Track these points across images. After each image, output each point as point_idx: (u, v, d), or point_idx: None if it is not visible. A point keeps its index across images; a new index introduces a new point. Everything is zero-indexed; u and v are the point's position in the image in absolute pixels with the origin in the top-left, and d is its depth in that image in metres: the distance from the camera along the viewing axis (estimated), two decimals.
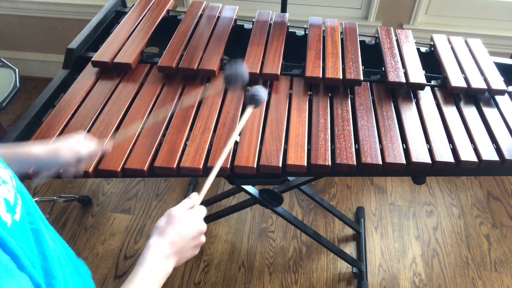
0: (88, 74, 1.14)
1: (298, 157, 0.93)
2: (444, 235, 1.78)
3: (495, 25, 1.98)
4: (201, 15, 1.35)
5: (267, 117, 1.03)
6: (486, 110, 1.10)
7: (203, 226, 0.69)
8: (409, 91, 1.15)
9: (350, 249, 1.72)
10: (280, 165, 0.92)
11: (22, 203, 0.51)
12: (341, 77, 1.12)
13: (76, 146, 0.76)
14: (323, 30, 1.30)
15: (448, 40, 1.31)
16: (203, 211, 0.71)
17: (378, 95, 1.13)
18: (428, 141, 1.00)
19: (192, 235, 0.67)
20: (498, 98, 1.14)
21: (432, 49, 1.28)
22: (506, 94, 1.15)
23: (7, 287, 0.39)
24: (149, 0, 1.40)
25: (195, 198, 0.72)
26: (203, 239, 0.70)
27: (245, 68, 0.85)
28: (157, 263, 0.62)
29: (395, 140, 0.99)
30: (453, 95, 1.14)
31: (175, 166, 0.90)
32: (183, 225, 0.66)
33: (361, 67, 1.16)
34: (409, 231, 1.80)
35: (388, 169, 0.95)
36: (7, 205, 0.47)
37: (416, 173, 1.07)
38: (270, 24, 1.32)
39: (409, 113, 1.08)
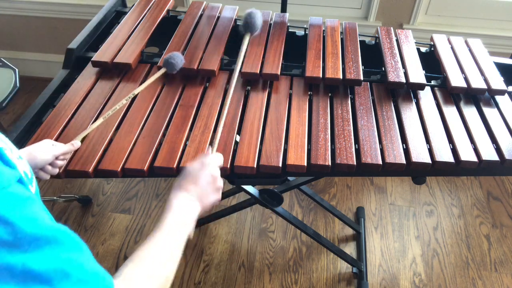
0: (88, 74, 1.14)
1: (298, 157, 0.93)
2: (444, 235, 1.78)
3: (495, 25, 1.98)
4: (201, 15, 1.35)
5: (267, 117, 1.03)
6: (486, 110, 1.10)
7: (216, 171, 0.77)
8: (409, 91, 1.15)
9: (350, 249, 1.73)
10: (280, 165, 0.92)
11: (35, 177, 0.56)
12: (341, 77, 1.12)
13: (49, 147, 0.81)
14: (323, 30, 1.30)
15: (448, 40, 1.31)
16: (215, 158, 0.79)
17: (378, 95, 1.13)
18: (428, 141, 1.00)
19: (207, 181, 0.74)
20: (498, 98, 1.14)
21: (432, 49, 1.28)
22: (506, 94, 1.15)
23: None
24: (149, 0, 1.40)
25: (209, 151, 0.82)
26: (220, 183, 0.77)
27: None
28: (183, 207, 0.69)
29: (395, 140, 0.99)
30: (453, 95, 1.14)
31: (175, 166, 0.90)
32: (197, 175, 0.74)
33: (361, 67, 1.16)
34: (409, 231, 1.80)
35: (388, 169, 0.95)
36: (27, 177, 0.50)
37: (416, 173, 1.07)
38: (270, 24, 1.32)
39: (409, 113, 1.08)
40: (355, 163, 0.94)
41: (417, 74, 1.15)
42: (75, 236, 0.46)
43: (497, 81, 1.14)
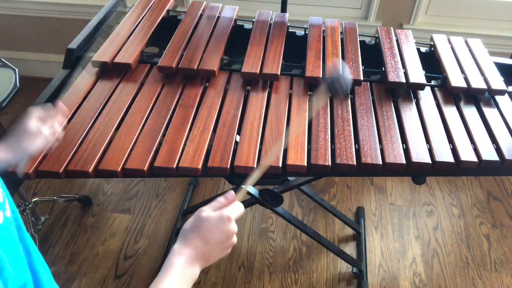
0: (88, 74, 1.14)
1: (298, 157, 0.93)
2: (444, 235, 1.78)
3: (495, 25, 1.98)
4: (201, 15, 1.35)
5: (267, 117, 1.03)
6: (486, 110, 1.10)
7: (233, 228, 0.64)
8: (409, 91, 1.15)
9: (350, 249, 1.72)
10: (280, 165, 0.92)
11: (8, 200, 0.51)
12: None
13: (35, 131, 0.76)
14: (323, 30, 1.30)
15: (448, 40, 1.31)
16: (235, 210, 0.66)
17: (378, 95, 1.13)
18: (428, 141, 1.00)
19: (220, 239, 0.63)
20: (498, 98, 1.14)
21: (432, 49, 1.28)
22: (506, 94, 1.15)
23: None
24: (149, 0, 1.40)
25: (231, 197, 0.68)
26: (233, 240, 0.66)
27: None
28: (182, 269, 0.60)
29: (395, 140, 0.99)
30: (453, 95, 1.14)
31: (175, 166, 0.90)
32: (210, 230, 0.63)
33: (361, 67, 1.16)
34: (409, 231, 1.80)
35: (388, 169, 0.95)
36: None
37: (416, 173, 1.07)
38: (270, 24, 1.32)
39: (409, 113, 1.08)
40: (355, 163, 0.94)
41: (417, 74, 1.15)
42: None
43: (497, 81, 1.14)
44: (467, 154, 0.97)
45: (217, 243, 0.63)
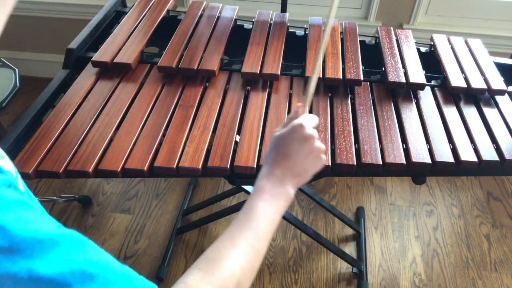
0: (88, 74, 1.14)
1: None
2: (444, 235, 1.78)
3: (495, 25, 1.98)
4: (201, 15, 1.34)
5: (267, 117, 1.03)
6: (486, 110, 1.10)
7: (310, 133, 0.62)
8: (409, 91, 1.15)
9: (350, 249, 1.72)
10: None
11: (20, 177, 0.49)
12: (341, 77, 1.12)
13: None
14: (323, 30, 1.30)
15: (448, 40, 1.31)
16: (306, 117, 0.64)
17: (378, 95, 1.13)
18: (428, 141, 1.00)
19: (301, 149, 0.62)
20: (498, 98, 1.14)
21: (432, 49, 1.28)
22: (506, 94, 1.15)
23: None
24: (149, 0, 1.40)
25: (299, 108, 0.67)
26: (317, 145, 0.63)
27: None
28: (271, 189, 0.59)
29: (395, 140, 0.99)
30: (453, 95, 1.14)
31: (175, 166, 0.90)
32: (287, 144, 0.62)
33: (361, 67, 1.16)
34: (409, 231, 1.80)
35: (388, 169, 0.95)
36: (11, 177, 0.43)
37: (416, 173, 1.07)
38: (270, 24, 1.32)
39: (409, 113, 1.08)
40: (355, 163, 0.94)
41: (417, 74, 1.15)
42: (87, 238, 0.42)
43: (497, 81, 1.14)
44: (467, 154, 0.97)
45: (301, 155, 0.62)
